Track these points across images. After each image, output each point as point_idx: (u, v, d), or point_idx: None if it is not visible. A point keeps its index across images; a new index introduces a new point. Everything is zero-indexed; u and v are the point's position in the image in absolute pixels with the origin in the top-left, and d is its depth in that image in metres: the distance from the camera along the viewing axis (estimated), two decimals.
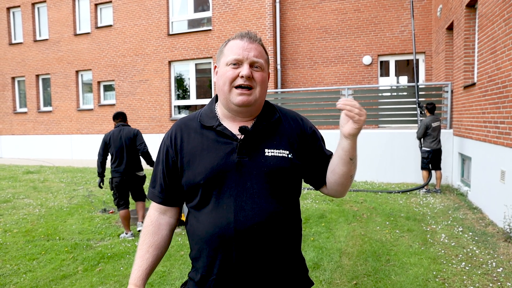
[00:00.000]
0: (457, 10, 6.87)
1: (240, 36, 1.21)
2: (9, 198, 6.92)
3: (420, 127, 6.74)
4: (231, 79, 1.16)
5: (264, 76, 1.21)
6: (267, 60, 1.25)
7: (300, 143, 1.24)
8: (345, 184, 1.24)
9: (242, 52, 1.17)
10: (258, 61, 1.18)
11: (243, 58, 1.16)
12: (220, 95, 1.22)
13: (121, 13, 12.31)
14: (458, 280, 3.18)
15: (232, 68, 1.17)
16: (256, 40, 1.21)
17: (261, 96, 1.20)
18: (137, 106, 12.30)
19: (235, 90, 1.16)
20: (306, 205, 5.90)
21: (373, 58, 10.03)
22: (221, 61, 1.22)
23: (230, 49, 1.19)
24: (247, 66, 1.16)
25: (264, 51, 1.23)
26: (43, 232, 4.81)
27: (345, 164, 1.18)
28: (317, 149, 1.28)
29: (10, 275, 3.50)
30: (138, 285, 1.21)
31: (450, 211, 5.39)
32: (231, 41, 1.22)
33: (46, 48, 13.71)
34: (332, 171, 1.22)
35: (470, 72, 6.50)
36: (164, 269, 3.56)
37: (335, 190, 1.27)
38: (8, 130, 14.75)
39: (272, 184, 1.16)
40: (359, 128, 1.10)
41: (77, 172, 10.19)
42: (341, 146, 1.16)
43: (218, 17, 11.00)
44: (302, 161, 1.24)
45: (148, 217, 1.29)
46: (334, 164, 1.21)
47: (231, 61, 1.17)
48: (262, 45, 1.24)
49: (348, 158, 1.17)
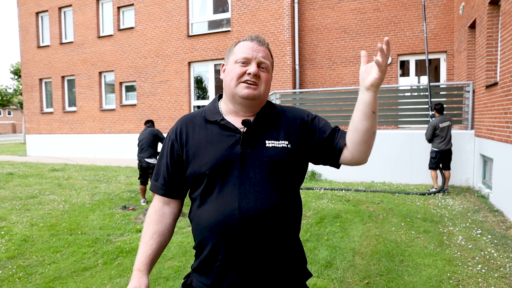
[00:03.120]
0: (480, 8, 6.70)
1: (250, 38, 1.31)
2: (35, 194, 7.23)
3: (428, 129, 6.66)
4: (239, 75, 1.25)
5: (268, 77, 1.30)
6: (272, 63, 1.36)
7: (302, 132, 1.30)
8: (368, 142, 1.22)
9: (251, 52, 1.26)
10: (265, 62, 1.28)
11: (252, 57, 1.26)
12: (226, 90, 1.31)
13: (143, 16, 12.61)
14: (473, 283, 3.14)
15: (240, 66, 1.26)
16: (264, 44, 1.31)
17: (264, 93, 1.29)
18: (157, 106, 12.57)
19: (242, 84, 1.25)
20: (322, 205, 5.90)
21: (392, 58, 9.90)
22: (230, 59, 1.31)
23: (240, 48, 1.29)
24: (255, 65, 1.25)
25: (270, 55, 1.34)
26: (67, 226, 5.02)
27: (368, 118, 1.18)
28: (319, 129, 1.31)
29: (36, 266, 3.69)
30: (141, 270, 1.26)
31: (470, 213, 5.28)
32: (242, 42, 1.31)
33: (71, 50, 14.21)
34: (355, 130, 1.22)
35: (492, 71, 6.34)
36: (180, 264, 3.66)
37: (358, 151, 1.24)
38: (36, 130, 15.36)
39: (273, 173, 1.22)
40: (382, 78, 1.14)
41: (100, 170, 10.52)
42: (363, 100, 1.18)
43: (237, 18, 11.11)
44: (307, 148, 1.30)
45: (152, 207, 1.36)
46: (356, 122, 1.21)
47: (240, 59, 1.26)
48: (269, 49, 1.34)
49: (371, 111, 1.18)
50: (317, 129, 1.31)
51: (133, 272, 1.28)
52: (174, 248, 4.09)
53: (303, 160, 1.32)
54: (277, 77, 10.70)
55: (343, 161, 1.30)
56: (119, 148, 13.36)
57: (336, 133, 1.30)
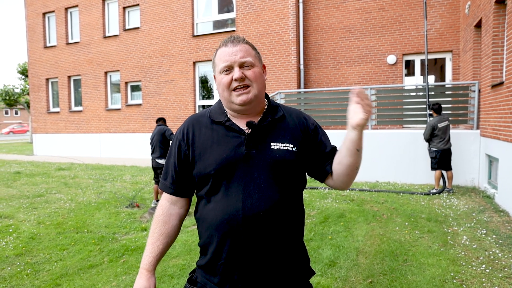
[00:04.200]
0: (486, 7, 6.67)
1: (224, 43, 1.30)
2: (42, 193, 7.32)
3: (426, 129, 6.66)
4: (227, 84, 1.26)
5: (256, 72, 1.28)
6: (256, 55, 1.31)
7: (304, 138, 1.33)
8: (351, 175, 1.30)
9: (228, 57, 1.26)
10: (246, 60, 1.26)
11: (232, 63, 1.26)
12: (223, 101, 1.33)
13: (148, 16, 12.69)
14: (477, 282, 3.14)
15: (225, 75, 1.27)
16: (240, 40, 1.30)
17: (259, 90, 1.29)
18: (162, 106, 12.64)
19: (234, 92, 1.26)
20: (326, 204, 5.91)
21: (397, 58, 9.87)
22: (216, 70, 1.32)
23: (219, 58, 1.30)
24: (238, 69, 1.25)
25: (251, 48, 1.31)
26: (73, 225, 5.08)
27: (352, 155, 1.24)
28: (318, 142, 1.36)
29: (43, 263, 3.75)
30: (149, 270, 1.31)
31: (475, 213, 5.26)
32: (218, 50, 1.32)
33: (77, 50, 14.33)
34: (339, 163, 1.29)
35: (498, 71, 6.30)
36: (184, 262, 3.70)
37: (341, 181, 1.33)
38: (42, 129, 15.51)
39: (277, 175, 1.25)
40: (367, 118, 1.19)
41: (105, 169, 10.61)
42: (349, 137, 1.23)
43: (242, 18, 11.14)
44: (305, 155, 1.32)
45: (160, 207, 1.38)
46: (341, 156, 1.28)
47: (222, 69, 1.27)
48: (247, 42, 1.31)
49: (355, 149, 1.23)
50: (319, 143, 1.36)
51: (140, 271, 1.32)
52: (179, 246, 4.13)
53: (305, 164, 1.35)
54: (281, 77, 10.71)
55: (326, 182, 1.38)
56: (124, 147, 13.46)
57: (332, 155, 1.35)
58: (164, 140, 6.08)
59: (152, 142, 6.15)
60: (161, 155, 6.00)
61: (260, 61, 1.34)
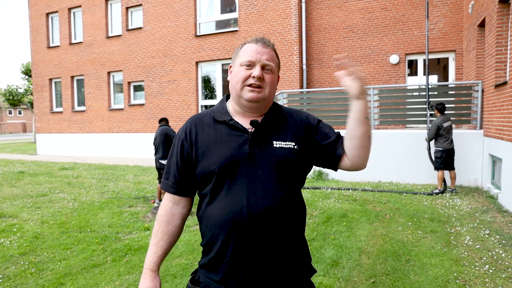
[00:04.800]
0: (489, 6, 6.64)
1: (255, 40, 1.33)
2: (46, 192, 7.35)
3: (431, 128, 6.65)
4: (243, 78, 1.28)
5: (273, 78, 1.32)
6: (278, 64, 1.37)
7: (306, 134, 1.34)
8: (366, 146, 1.29)
9: (255, 55, 1.28)
10: (269, 64, 1.30)
11: (256, 60, 1.28)
12: (232, 92, 1.35)
13: (151, 16, 12.72)
14: (480, 283, 3.13)
15: (245, 69, 1.29)
16: (270, 45, 1.33)
17: (269, 95, 1.32)
18: (165, 106, 12.66)
19: (247, 87, 1.28)
20: (329, 204, 5.91)
21: (400, 57, 9.84)
22: (236, 61, 1.33)
23: (245, 52, 1.31)
24: (259, 68, 1.28)
25: (276, 56, 1.35)
26: (76, 224, 5.10)
27: (363, 124, 1.25)
28: (322, 133, 1.37)
29: (47, 262, 3.77)
30: (153, 270, 1.33)
31: (478, 213, 5.24)
32: (247, 44, 1.34)
33: (80, 50, 14.38)
34: (351, 137, 1.28)
35: (501, 71, 6.28)
36: (187, 261, 3.71)
37: (357, 156, 1.30)
38: (46, 129, 15.58)
39: (280, 173, 1.26)
40: (362, 84, 1.21)
41: (108, 169, 10.64)
42: (355, 108, 1.25)
43: (244, 18, 11.15)
44: (309, 151, 1.34)
45: (163, 207, 1.39)
46: (351, 129, 1.28)
47: (245, 62, 1.29)
48: (275, 50, 1.36)
49: (364, 117, 1.25)
50: (322, 134, 1.36)
51: (144, 271, 1.33)
52: (182, 246, 4.14)
53: (307, 161, 1.36)
54: (284, 77, 10.71)
55: (343, 167, 1.36)
56: (127, 147, 13.49)
57: (338, 140, 1.36)
58: (166, 140, 6.07)
59: (155, 142, 6.16)
60: (163, 155, 6.00)
61: (278, 71, 1.38)
